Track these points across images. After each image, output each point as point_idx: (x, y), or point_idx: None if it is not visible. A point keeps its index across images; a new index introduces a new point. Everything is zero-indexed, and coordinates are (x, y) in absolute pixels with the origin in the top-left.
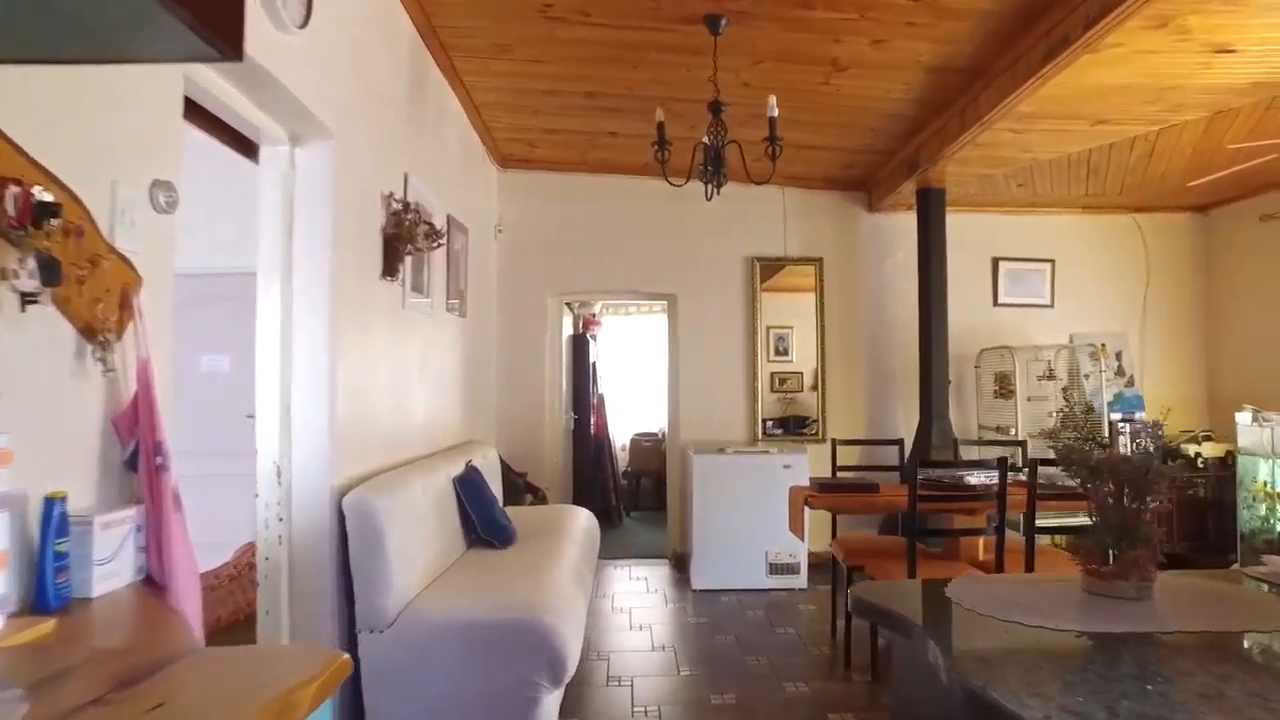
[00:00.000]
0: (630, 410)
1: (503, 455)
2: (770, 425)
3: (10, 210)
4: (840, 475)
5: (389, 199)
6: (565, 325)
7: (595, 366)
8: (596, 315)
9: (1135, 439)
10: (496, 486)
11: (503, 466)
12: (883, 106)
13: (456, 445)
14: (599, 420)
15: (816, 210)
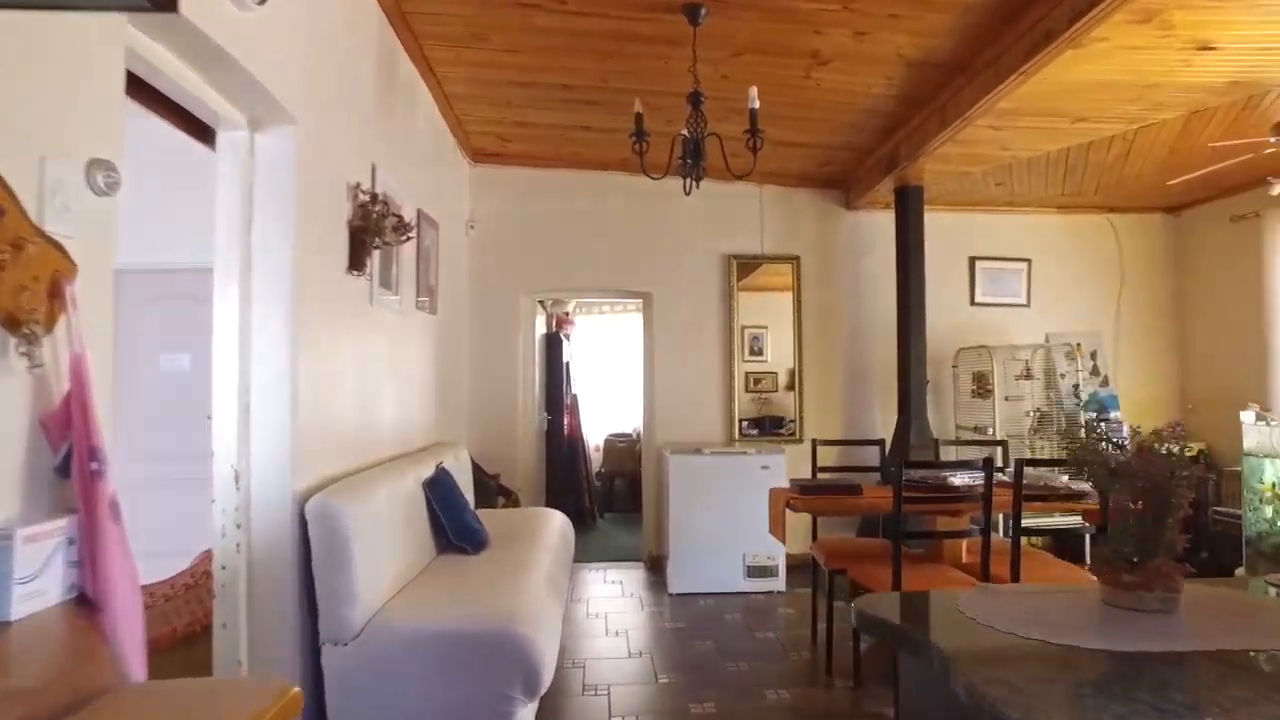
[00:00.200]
0: (604, 410)
1: (474, 457)
2: (745, 426)
3: None
4: (820, 476)
5: (355, 190)
6: (538, 324)
7: (569, 366)
8: (570, 314)
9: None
10: (468, 489)
11: (474, 468)
12: (863, 102)
13: (426, 447)
14: (572, 421)
15: (794, 208)
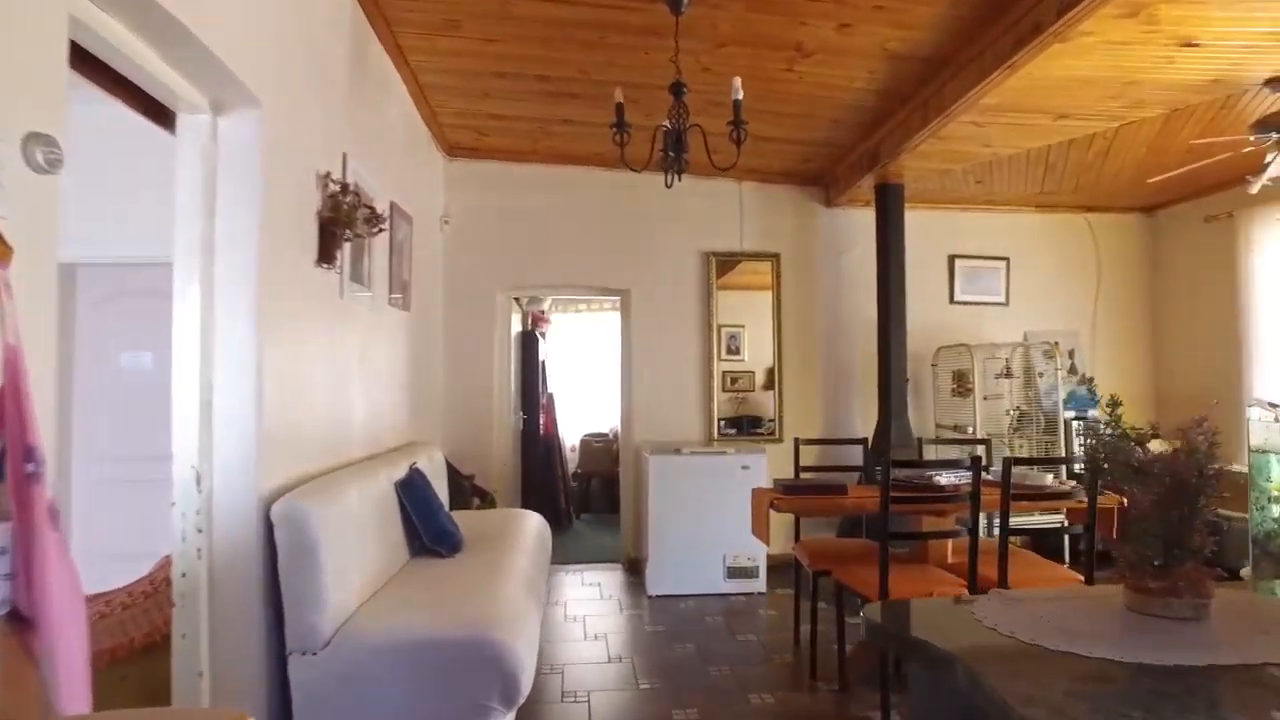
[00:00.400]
0: (580, 410)
1: (449, 457)
2: (723, 425)
3: None
4: (802, 476)
5: (325, 179)
6: (514, 322)
7: (544, 365)
8: (546, 312)
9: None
10: (442, 490)
11: (449, 469)
12: (846, 97)
13: (399, 447)
14: (549, 420)
15: (773, 204)
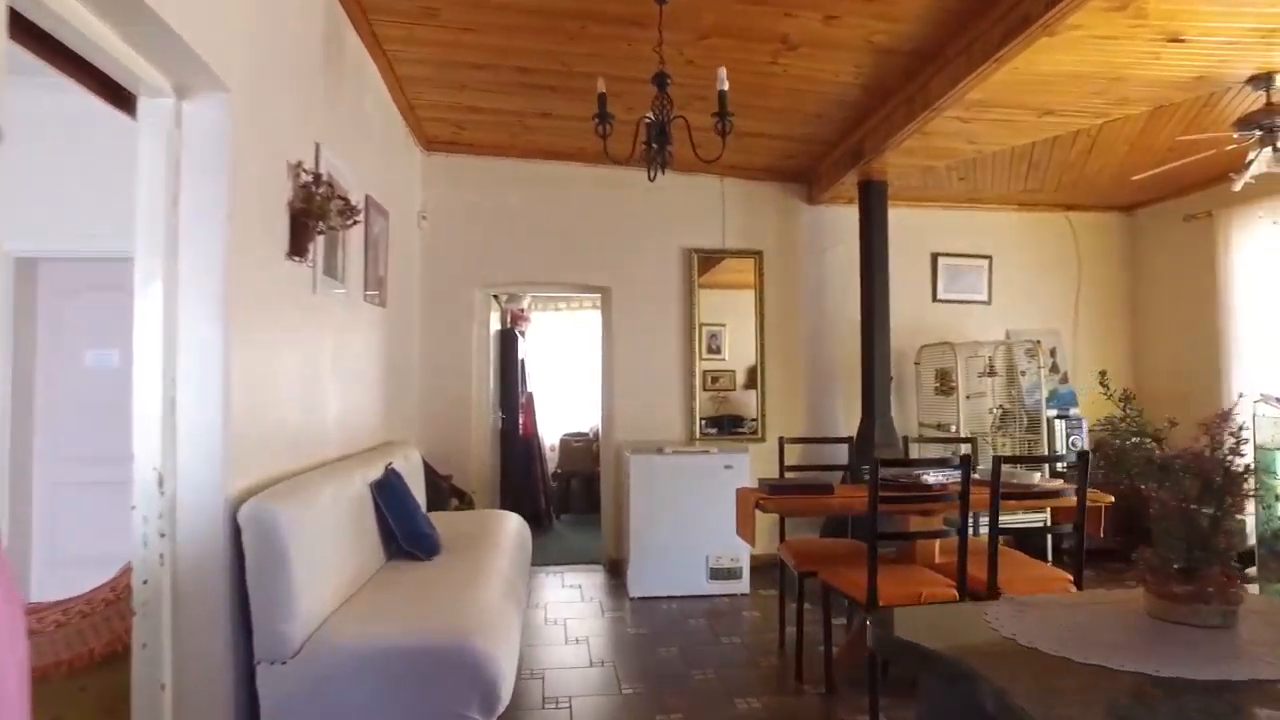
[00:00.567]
0: (560, 409)
1: (426, 457)
2: (704, 425)
3: None
4: (787, 476)
5: (297, 169)
6: (493, 320)
7: (524, 364)
8: (525, 310)
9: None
10: (419, 491)
11: (426, 469)
12: (830, 91)
13: (375, 447)
14: (528, 420)
15: (756, 201)
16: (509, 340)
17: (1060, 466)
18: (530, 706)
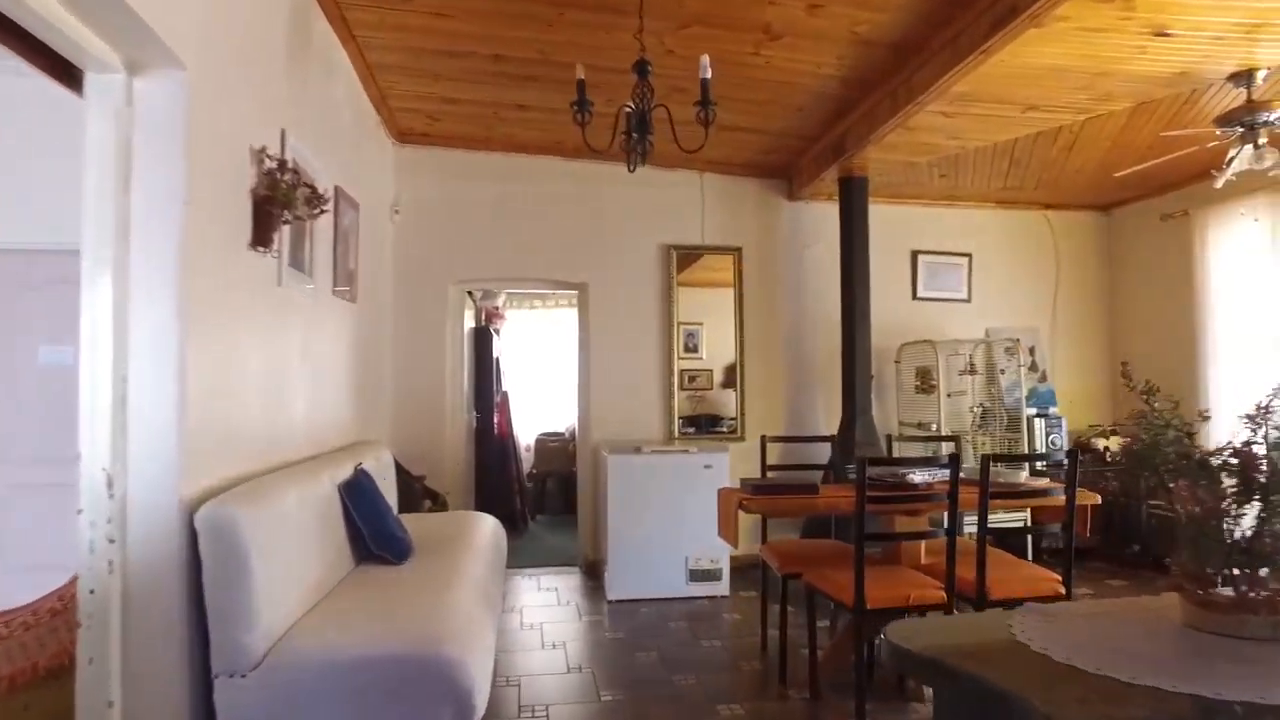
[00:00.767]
0: (535, 409)
1: (397, 457)
2: (682, 424)
3: None
4: (769, 475)
5: (261, 155)
6: (467, 318)
7: (499, 362)
8: (500, 308)
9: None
10: (390, 492)
11: (398, 470)
12: (812, 84)
13: (344, 447)
14: (503, 419)
15: (735, 197)
16: (484, 338)
17: (1040, 465)
18: (506, 716)
